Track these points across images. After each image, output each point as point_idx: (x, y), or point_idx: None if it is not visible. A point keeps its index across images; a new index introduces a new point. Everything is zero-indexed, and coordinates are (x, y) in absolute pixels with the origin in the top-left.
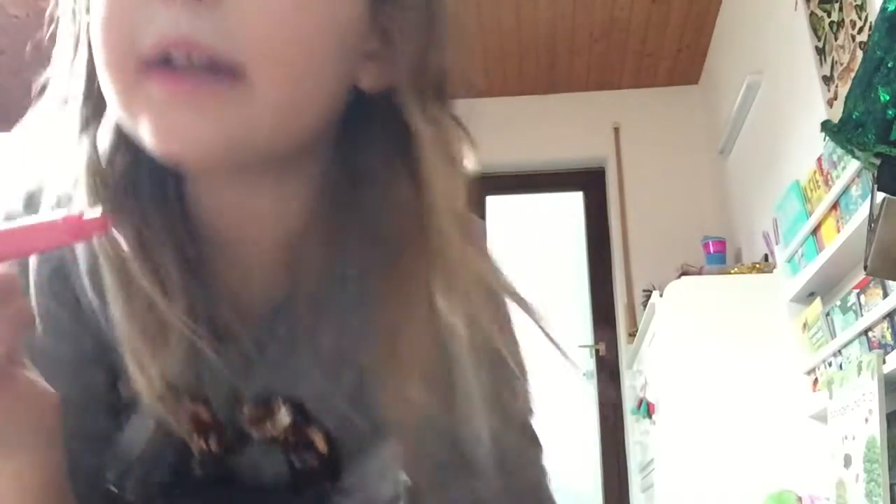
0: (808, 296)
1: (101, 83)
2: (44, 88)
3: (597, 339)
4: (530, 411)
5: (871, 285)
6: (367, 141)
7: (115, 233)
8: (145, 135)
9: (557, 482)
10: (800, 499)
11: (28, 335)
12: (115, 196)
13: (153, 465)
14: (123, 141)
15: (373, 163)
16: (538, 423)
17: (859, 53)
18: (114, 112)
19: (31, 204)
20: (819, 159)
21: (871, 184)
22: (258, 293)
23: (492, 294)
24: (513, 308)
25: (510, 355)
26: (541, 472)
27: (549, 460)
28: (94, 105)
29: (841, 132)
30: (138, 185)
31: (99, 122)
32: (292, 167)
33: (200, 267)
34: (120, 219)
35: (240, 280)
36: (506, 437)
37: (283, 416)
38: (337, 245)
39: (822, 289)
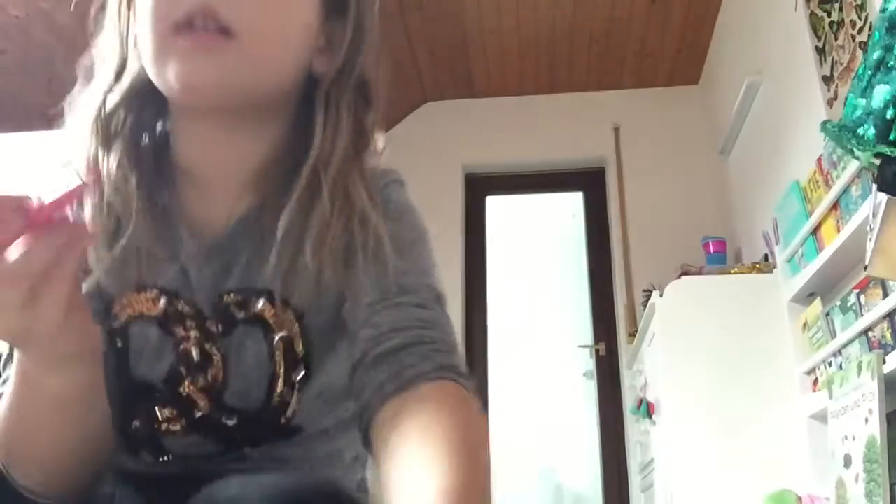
0: (808, 296)
1: (141, 45)
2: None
3: (597, 339)
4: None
5: (871, 285)
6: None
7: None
8: (171, 77)
9: (557, 482)
10: (800, 499)
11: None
12: (110, 135)
13: (157, 358)
14: (125, 102)
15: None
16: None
17: (859, 53)
18: (146, 64)
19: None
20: (819, 159)
21: (871, 184)
22: (223, 210)
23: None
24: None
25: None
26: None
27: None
28: (117, 76)
29: (841, 132)
30: (130, 131)
31: (112, 89)
32: (265, 118)
33: (174, 192)
34: (111, 151)
35: (206, 202)
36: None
37: (261, 303)
38: (290, 175)
39: (822, 289)
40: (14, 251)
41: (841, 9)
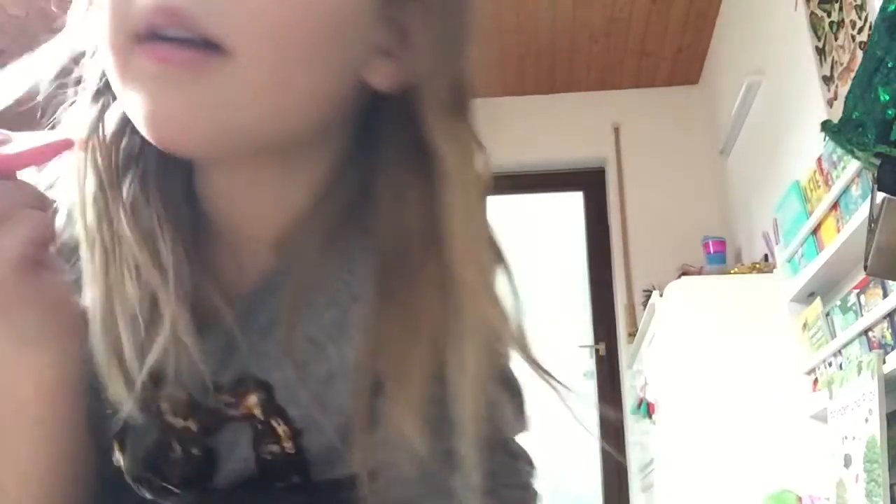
0: (808, 296)
1: (103, 62)
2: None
3: (597, 340)
4: (522, 428)
5: (871, 285)
6: (383, 145)
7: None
8: (135, 114)
9: (557, 483)
10: (800, 499)
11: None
12: (117, 174)
13: (139, 440)
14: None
15: (388, 171)
16: (527, 440)
17: (859, 53)
18: (114, 90)
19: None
20: (819, 159)
21: (871, 184)
22: (240, 275)
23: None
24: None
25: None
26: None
27: (539, 480)
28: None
29: (841, 132)
30: (144, 166)
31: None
32: (298, 159)
33: (193, 248)
34: (116, 196)
35: (227, 262)
36: (491, 462)
37: (253, 400)
38: (335, 242)
39: (822, 289)
40: None
41: (841, 9)
